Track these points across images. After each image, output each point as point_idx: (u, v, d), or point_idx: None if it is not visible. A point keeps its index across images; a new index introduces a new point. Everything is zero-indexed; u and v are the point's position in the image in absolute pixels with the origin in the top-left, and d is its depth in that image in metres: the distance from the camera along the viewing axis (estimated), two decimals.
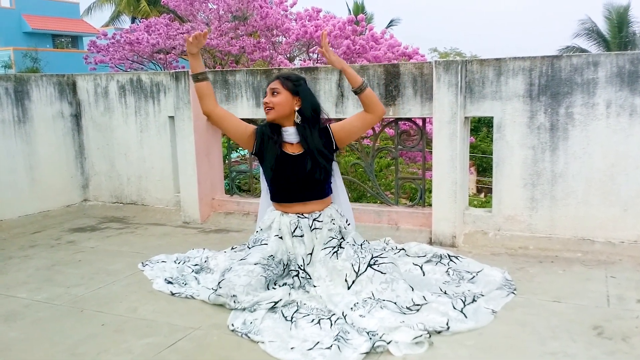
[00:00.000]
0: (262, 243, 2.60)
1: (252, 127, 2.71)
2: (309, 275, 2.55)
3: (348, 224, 2.73)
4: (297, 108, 2.60)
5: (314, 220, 2.62)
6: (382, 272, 2.40)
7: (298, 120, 2.60)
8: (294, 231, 2.61)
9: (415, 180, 3.75)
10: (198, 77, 2.64)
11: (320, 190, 2.67)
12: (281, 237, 2.61)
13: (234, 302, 2.35)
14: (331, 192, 2.74)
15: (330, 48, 2.70)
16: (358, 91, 2.58)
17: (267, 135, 2.64)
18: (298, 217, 2.62)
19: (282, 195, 2.67)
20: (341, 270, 2.45)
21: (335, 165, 2.74)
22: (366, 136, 4.97)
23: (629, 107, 2.90)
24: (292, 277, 2.56)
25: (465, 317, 2.20)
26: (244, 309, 2.32)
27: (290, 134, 2.62)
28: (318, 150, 2.59)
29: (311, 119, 2.61)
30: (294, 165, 2.59)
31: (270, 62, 9.00)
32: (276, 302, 2.34)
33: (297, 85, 2.61)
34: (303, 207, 2.64)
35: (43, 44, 25.99)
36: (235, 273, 2.42)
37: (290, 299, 2.41)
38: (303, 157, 2.59)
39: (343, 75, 3.51)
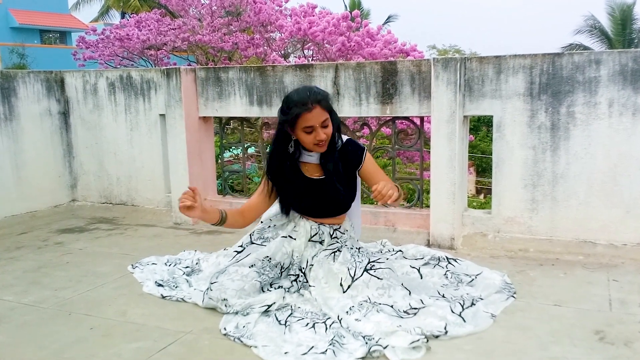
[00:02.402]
0: (263, 243, 2.53)
1: (265, 180, 2.57)
2: (307, 280, 2.50)
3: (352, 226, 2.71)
4: None
5: (335, 230, 2.58)
6: (378, 278, 2.37)
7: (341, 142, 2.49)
8: (313, 236, 2.54)
9: (412, 180, 3.70)
10: (220, 223, 2.48)
11: (343, 208, 2.60)
12: (292, 238, 2.53)
13: (225, 305, 2.30)
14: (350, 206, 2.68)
15: (384, 188, 2.24)
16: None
17: (282, 164, 2.50)
18: (319, 225, 2.56)
19: (303, 211, 2.58)
20: (337, 273, 2.41)
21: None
22: (362, 135, 4.91)
23: (632, 106, 2.85)
24: (291, 281, 2.50)
25: (464, 321, 2.16)
26: (236, 313, 2.27)
27: (312, 154, 2.50)
28: (339, 178, 2.47)
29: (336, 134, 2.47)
30: (317, 190, 2.51)
31: (264, 59, 8.93)
32: (269, 306, 2.29)
33: (330, 102, 2.42)
34: (323, 220, 2.58)
35: (30, 39, 25.67)
36: (229, 276, 2.37)
37: (284, 302, 2.36)
38: (326, 182, 2.49)
39: (339, 73, 3.47)
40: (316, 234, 2.54)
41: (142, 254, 3.16)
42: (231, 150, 6.79)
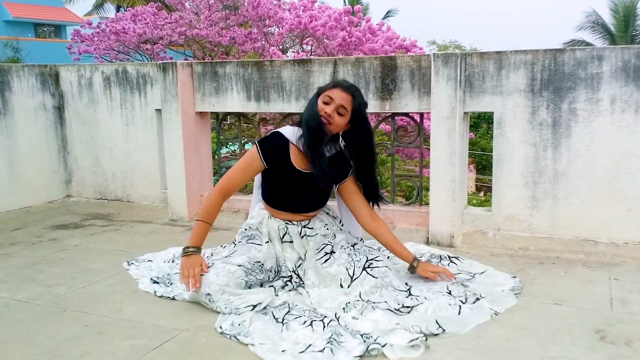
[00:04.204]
0: (253, 242, 2.52)
1: (259, 162, 2.49)
2: (302, 280, 2.49)
3: (341, 225, 2.67)
4: (342, 132, 2.49)
5: (303, 227, 2.56)
6: (373, 277, 2.36)
7: (342, 145, 2.50)
8: (283, 237, 2.56)
9: (412, 177, 3.68)
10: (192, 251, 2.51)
11: (315, 207, 2.61)
12: (270, 241, 2.56)
13: (209, 300, 2.29)
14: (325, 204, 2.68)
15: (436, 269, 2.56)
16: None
17: (275, 152, 2.49)
18: (286, 223, 2.56)
19: (276, 203, 2.58)
20: (336, 275, 2.40)
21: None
22: None
23: (634, 103, 2.82)
24: (285, 282, 2.50)
25: (460, 315, 2.16)
26: (222, 312, 2.25)
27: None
28: (328, 181, 2.49)
29: (355, 148, 2.52)
30: (303, 183, 2.50)
31: (262, 54, 8.87)
32: (255, 306, 2.25)
33: (361, 111, 2.46)
34: (292, 217, 2.57)
35: (25, 33, 25.48)
36: (215, 271, 2.36)
37: (280, 300, 2.34)
38: (312, 177, 2.47)
39: (337, 68, 3.43)
40: (285, 233, 2.55)
41: (137, 251, 3.13)
42: (228, 146, 6.74)
